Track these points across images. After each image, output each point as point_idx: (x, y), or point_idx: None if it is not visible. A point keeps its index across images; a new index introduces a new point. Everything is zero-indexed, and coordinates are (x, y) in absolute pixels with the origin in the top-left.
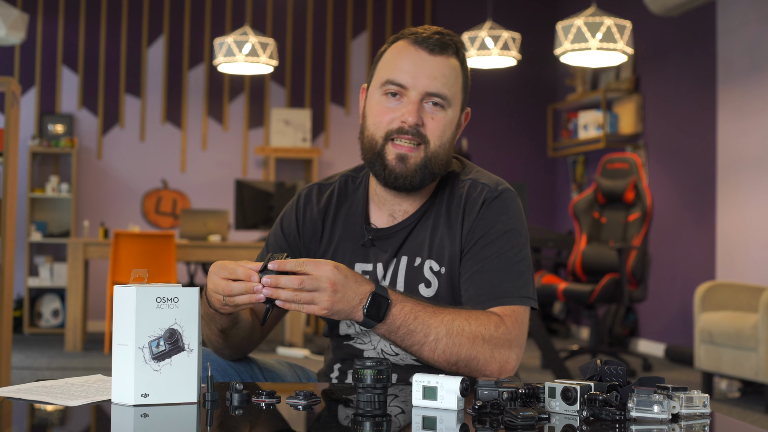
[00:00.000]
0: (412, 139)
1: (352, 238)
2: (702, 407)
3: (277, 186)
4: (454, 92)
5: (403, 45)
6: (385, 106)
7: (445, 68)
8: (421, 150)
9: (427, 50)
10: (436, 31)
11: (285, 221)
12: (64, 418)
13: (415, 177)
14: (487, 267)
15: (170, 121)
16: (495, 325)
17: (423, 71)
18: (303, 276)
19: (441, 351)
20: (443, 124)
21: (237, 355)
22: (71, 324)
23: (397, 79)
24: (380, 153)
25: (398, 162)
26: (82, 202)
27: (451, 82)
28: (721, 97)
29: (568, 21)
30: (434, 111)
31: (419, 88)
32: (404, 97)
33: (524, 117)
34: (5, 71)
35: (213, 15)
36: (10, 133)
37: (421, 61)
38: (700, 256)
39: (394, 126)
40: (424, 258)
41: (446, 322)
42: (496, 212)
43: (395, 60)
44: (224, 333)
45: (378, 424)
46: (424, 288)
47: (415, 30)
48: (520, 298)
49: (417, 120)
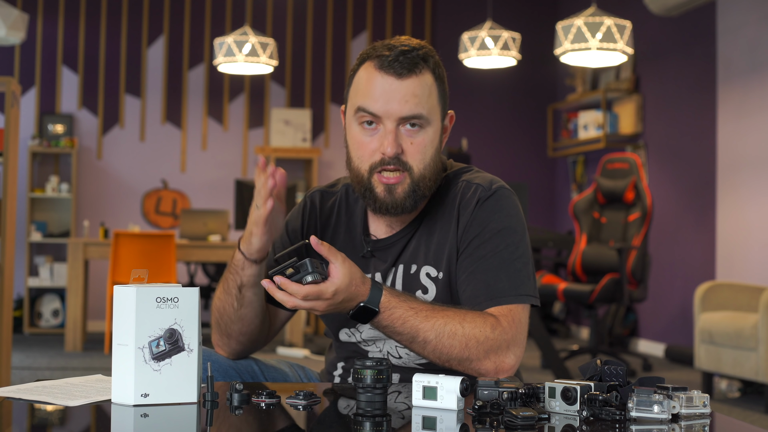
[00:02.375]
0: (395, 168)
1: (353, 249)
2: (702, 407)
3: None
4: (431, 107)
5: (371, 69)
6: (363, 139)
7: (416, 88)
8: (406, 176)
9: (395, 75)
10: (402, 50)
11: (290, 225)
12: (64, 418)
13: (405, 203)
14: (483, 267)
15: (170, 121)
16: (491, 327)
17: (394, 97)
18: (308, 290)
19: (430, 350)
20: (423, 145)
21: (242, 339)
22: (71, 324)
23: (369, 108)
24: (368, 186)
25: (387, 194)
26: (82, 202)
27: (425, 99)
28: (721, 97)
29: (568, 21)
30: (412, 135)
31: (393, 116)
32: (380, 125)
33: (524, 117)
34: (5, 71)
35: (213, 15)
36: (10, 133)
37: (390, 87)
38: (700, 256)
39: (376, 158)
40: (420, 265)
41: (437, 327)
42: (489, 211)
43: (365, 86)
44: (241, 292)
45: (378, 424)
46: (421, 295)
47: (381, 52)
48: (517, 296)
49: (396, 150)
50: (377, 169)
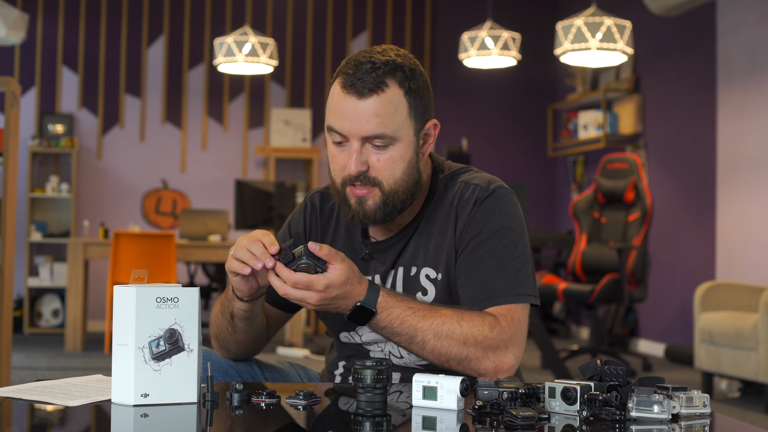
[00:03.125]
0: (363, 184)
1: (352, 251)
2: (702, 407)
3: (277, 186)
4: (397, 125)
5: (338, 88)
6: (335, 154)
7: (378, 108)
8: (376, 190)
9: (356, 95)
10: (366, 69)
11: (293, 225)
12: (64, 418)
13: (376, 216)
14: (481, 267)
15: (170, 121)
16: (489, 326)
17: (356, 117)
18: (298, 278)
19: (429, 351)
20: (391, 162)
21: (240, 354)
22: (71, 324)
23: (335, 126)
24: (342, 198)
25: (358, 205)
26: (82, 202)
27: (389, 118)
28: (721, 97)
29: (568, 21)
30: (379, 151)
31: (356, 135)
32: (347, 142)
33: (524, 117)
34: (5, 71)
35: (213, 15)
36: (10, 133)
37: (353, 107)
38: (700, 256)
39: (346, 173)
40: (419, 267)
41: (435, 326)
42: (487, 211)
43: (333, 105)
44: (233, 321)
45: (378, 424)
46: (420, 296)
47: (347, 69)
48: (516, 296)
49: (358, 168)
50: (349, 183)
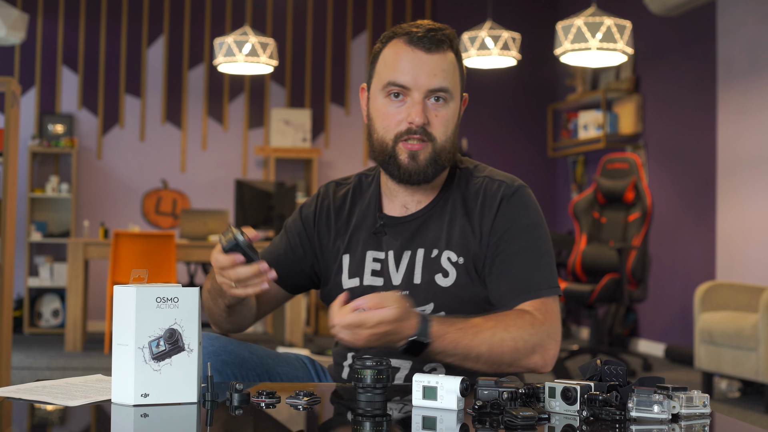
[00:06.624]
0: (420, 137)
1: (366, 228)
2: (702, 407)
3: (277, 186)
4: (454, 84)
5: (400, 45)
6: (390, 110)
7: (443, 63)
8: (429, 146)
9: (424, 49)
10: (429, 28)
11: (305, 210)
12: (64, 418)
13: (427, 171)
14: (515, 263)
15: (170, 121)
16: (530, 324)
17: (423, 70)
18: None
19: (483, 362)
20: (446, 119)
21: (233, 330)
22: (71, 324)
23: (398, 80)
24: (392, 154)
25: (410, 160)
26: (82, 202)
27: (450, 75)
28: (721, 97)
29: (568, 21)
30: (437, 108)
31: (422, 87)
32: (408, 97)
33: (524, 117)
34: (5, 71)
35: (213, 15)
36: (10, 133)
37: (420, 60)
38: (700, 256)
39: (403, 128)
40: (441, 249)
41: (487, 339)
42: (516, 207)
43: (394, 61)
44: (230, 308)
45: (378, 424)
46: (441, 278)
47: (409, 29)
48: (549, 289)
49: (423, 120)
50: (402, 138)
